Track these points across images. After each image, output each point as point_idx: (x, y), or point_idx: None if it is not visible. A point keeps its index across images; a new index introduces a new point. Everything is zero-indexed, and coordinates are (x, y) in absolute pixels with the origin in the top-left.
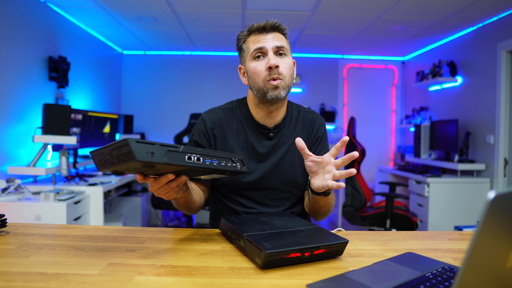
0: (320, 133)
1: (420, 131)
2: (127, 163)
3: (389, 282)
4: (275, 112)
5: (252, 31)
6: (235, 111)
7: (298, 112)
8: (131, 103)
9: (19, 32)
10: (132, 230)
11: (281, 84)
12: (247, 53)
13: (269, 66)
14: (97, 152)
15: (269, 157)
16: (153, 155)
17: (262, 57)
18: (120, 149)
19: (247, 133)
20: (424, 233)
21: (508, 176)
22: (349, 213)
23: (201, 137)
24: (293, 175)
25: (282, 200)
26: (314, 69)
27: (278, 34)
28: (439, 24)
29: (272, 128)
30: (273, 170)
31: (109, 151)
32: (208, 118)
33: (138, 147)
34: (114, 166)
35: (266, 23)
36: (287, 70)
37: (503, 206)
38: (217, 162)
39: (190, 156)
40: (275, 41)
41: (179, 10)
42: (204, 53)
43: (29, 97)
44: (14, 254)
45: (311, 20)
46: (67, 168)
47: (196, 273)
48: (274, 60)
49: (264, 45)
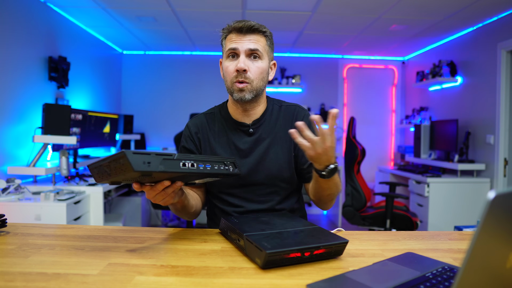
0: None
1: (420, 131)
2: (125, 174)
3: (389, 282)
4: (250, 110)
5: (230, 29)
6: (216, 114)
7: (280, 106)
8: (131, 103)
9: (19, 32)
10: (132, 230)
11: (247, 87)
12: (224, 50)
13: (236, 69)
14: (94, 165)
15: (251, 152)
16: (149, 164)
17: (235, 58)
18: (118, 161)
19: (228, 133)
20: (424, 233)
21: (508, 176)
22: (349, 213)
23: (188, 142)
24: (277, 169)
25: (270, 195)
26: (314, 69)
27: (256, 36)
28: (439, 24)
29: (251, 124)
30: (257, 166)
31: (106, 164)
32: (191, 124)
33: (135, 158)
34: (112, 177)
35: (243, 24)
36: (256, 74)
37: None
38: (210, 166)
39: (185, 162)
40: (250, 43)
41: (179, 10)
42: (204, 53)
43: (29, 97)
44: (14, 254)
45: (311, 20)
46: (67, 168)
47: (196, 273)
48: (243, 63)
49: (237, 46)
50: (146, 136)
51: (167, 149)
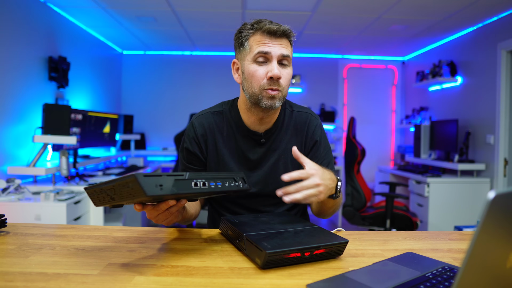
0: (316, 137)
1: (420, 131)
2: (134, 199)
3: (389, 282)
4: (266, 118)
5: (259, 29)
6: (225, 114)
7: (291, 112)
8: (131, 103)
9: (19, 32)
10: (132, 230)
11: (279, 95)
12: (248, 51)
13: (270, 76)
14: (94, 189)
15: (261, 164)
16: (161, 187)
17: (264, 62)
18: (126, 185)
19: (237, 139)
20: (424, 233)
21: (508, 176)
22: (349, 213)
23: (192, 144)
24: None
25: (276, 205)
26: (314, 69)
27: (286, 41)
28: (439, 24)
29: (263, 133)
30: (266, 178)
31: (109, 188)
32: (197, 124)
33: (146, 181)
34: (116, 201)
35: (279, 28)
36: (287, 81)
37: (503, 206)
38: (221, 184)
39: (196, 182)
40: (283, 48)
41: (179, 10)
42: (204, 53)
43: (29, 97)
44: (14, 254)
45: (311, 20)
46: (67, 168)
47: (196, 273)
48: (278, 70)
49: (271, 50)
50: (146, 136)
51: (167, 149)
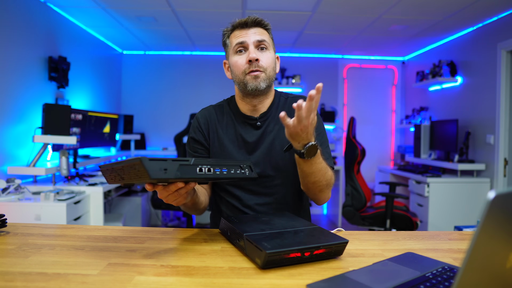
0: None
1: (420, 131)
2: (140, 180)
3: (389, 282)
4: (259, 105)
5: (235, 26)
6: (225, 107)
7: (286, 98)
8: (131, 103)
9: (19, 32)
10: (132, 230)
11: (262, 76)
12: (230, 47)
13: (249, 60)
14: (107, 167)
15: (258, 145)
16: (166, 171)
17: (243, 51)
18: (133, 167)
19: (236, 126)
20: (424, 233)
21: (508, 176)
22: (349, 213)
23: (197, 133)
24: (283, 160)
25: (276, 187)
26: (314, 69)
27: (260, 29)
28: (439, 24)
29: (258, 117)
30: (264, 157)
31: (120, 168)
32: (200, 115)
33: (151, 165)
34: (126, 181)
35: (247, 18)
36: (268, 63)
37: (503, 206)
38: (226, 170)
39: (201, 168)
40: (257, 35)
41: (179, 10)
42: (204, 53)
43: (29, 97)
44: (14, 254)
45: (311, 20)
46: (67, 168)
47: (196, 273)
48: (255, 53)
49: (245, 39)
50: (146, 136)
51: (167, 149)
